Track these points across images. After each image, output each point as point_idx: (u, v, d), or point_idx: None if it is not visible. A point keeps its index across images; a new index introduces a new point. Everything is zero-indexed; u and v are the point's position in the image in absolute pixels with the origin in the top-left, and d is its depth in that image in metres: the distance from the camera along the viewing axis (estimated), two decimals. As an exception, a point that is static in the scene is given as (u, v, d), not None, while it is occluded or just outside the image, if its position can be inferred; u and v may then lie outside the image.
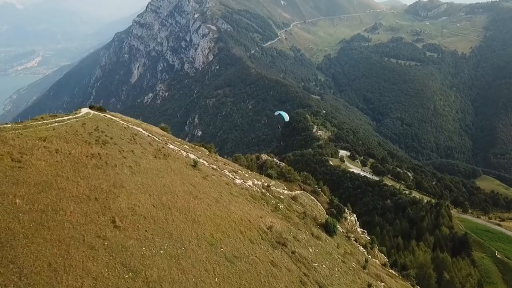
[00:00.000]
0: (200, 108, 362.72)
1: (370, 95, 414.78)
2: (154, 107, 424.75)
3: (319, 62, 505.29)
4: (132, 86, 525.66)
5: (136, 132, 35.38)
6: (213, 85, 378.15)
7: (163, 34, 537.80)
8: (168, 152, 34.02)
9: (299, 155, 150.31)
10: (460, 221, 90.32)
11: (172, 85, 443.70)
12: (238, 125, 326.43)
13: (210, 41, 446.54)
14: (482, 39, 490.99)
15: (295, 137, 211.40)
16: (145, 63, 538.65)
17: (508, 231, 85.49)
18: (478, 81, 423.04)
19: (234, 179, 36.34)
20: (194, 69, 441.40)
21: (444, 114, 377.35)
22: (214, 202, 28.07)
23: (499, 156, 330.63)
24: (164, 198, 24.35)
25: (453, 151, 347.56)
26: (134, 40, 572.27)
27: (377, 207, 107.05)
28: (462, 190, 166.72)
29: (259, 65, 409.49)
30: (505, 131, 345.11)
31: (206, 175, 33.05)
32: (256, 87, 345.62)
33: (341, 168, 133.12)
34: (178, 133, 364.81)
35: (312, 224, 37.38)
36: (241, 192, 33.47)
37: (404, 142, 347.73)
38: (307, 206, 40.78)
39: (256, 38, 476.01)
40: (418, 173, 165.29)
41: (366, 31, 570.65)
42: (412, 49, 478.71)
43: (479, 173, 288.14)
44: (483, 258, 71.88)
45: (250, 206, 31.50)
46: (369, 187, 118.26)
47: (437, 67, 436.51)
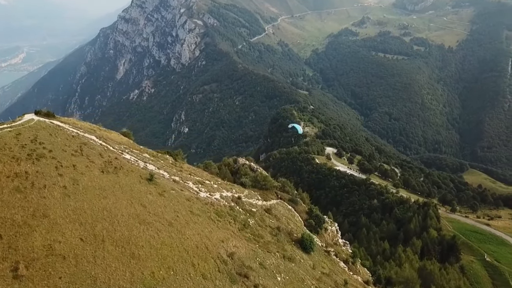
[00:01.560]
0: (186, 104, 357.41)
1: (358, 90, 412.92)
2: (140, 104, 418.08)
3: (307, 57, 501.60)
4: (118, 82, 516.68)
5: (86, 141, 31.26)
6: (200, 81, 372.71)
7: (148, 29, 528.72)
8: (121, 164, 30.00)
9: (285, 153, 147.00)
10: (449, 221, 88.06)
11: (158, 81, 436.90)
12: (225, 121, 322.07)
13: (197, 36, 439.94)
14: (469, 33, 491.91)
15: (282, 134, 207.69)
16: (131, 59, 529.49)
17: (497, 231, 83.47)
18: (465, 75, 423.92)
19: (199, 192, 32.53)
20: (181, 64, 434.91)
21: (432, 108, 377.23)
22: (166, 226, 24.22)
23: (486, 149, 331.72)
24: (99, 227, 20.43)
25: (441, 145, 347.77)
26: (119, 36, 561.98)
27: (363, 207, 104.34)
28: (450, 186, 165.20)
29: (246, 60, 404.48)
30: (492, 124, 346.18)
31: (164, 190, 29.17)
32: (243, 83, 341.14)
33: (327, 166, 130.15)
34: (164, 130, 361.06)
35: (286, 241, 33.79)
36: (204, 209, 29.67)
37: (392, 137, 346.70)
38: (282, 219, 37.18)
39: (243, 33, 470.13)
40: (406, 170, 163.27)
41: (353, 25, 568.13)
42: (399, 43, 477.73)
43: (466, 167, 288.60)
44: (472, 262, 69.50)
45: (212, 226, 27.71)
46: (355, 186, 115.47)
47: (424, 61, 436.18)
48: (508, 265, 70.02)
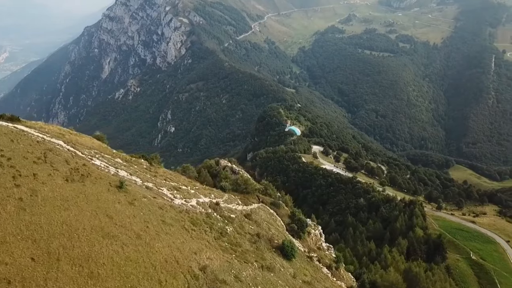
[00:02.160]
0: (173, 103, 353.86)
1: (345, 87, 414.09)
2: (126, 103, 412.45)
3: (293, 54, 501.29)
4: (103, 81, 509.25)
5: (52, 147, 29.38)
6: (186, 79, 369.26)
7: (133, 27, 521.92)
8: (89, 170, 28.21)
9: (271, 152, 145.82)
10: (434, 219, 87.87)
11: (144, 80, 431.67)
12: (212, 120, 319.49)
13: (182, 34, 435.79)
14: (453, 30, 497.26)
15: (268, 132, 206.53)
16: (116, 57, 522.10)
17: (482, 228, 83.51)
18: (449, 71, 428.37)
19: (173, 199, 30.93)
20: (167, 63, 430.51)
21: (418, 105, 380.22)
22: (133, 238, 22.60)
23: (471, 145, 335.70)
24: (55, 244, 18.73)
25: (427, 141, 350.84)
26: (104, 34, 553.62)
27: (350, 206, 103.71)
28: (436, 182, 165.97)
29: (233, 58, 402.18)
30: (476, 120, 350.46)
31: (134, 198, 27.50)
32: (230, 81, 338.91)
33: (314, 165, 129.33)
34: (151, 130, 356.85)
35: (266, 248, 32.42)
36: (177, 218, 28.09)
37: (379, 134, 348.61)
38: (263, 224, 35.79)
39: (230, 30, 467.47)
40: (392, 167, 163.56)
41: (340, 22, 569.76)
42: (385, 40, 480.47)
43: (452, 163, 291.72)
44: (458, 260, 69.20)
45: (185, 236, 26.17)
46: (342, 185, 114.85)
47: (410, 58, 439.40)
48: (494, 263, 69.97)
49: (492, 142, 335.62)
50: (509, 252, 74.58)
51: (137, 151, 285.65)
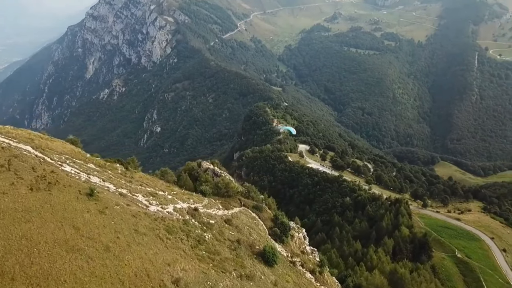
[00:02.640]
0: (158, 103, 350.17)
1: (331, 85, 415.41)
2: (111, 104, 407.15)
3: (280, 53, 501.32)
4: (87, 81, 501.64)
5: (19, 153, 27.74)
6: (172, 78, 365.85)
7: (118, 26, 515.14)
8: (57, 178, 26.66)
9: (258, 152, 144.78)
10: (420, 217, 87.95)
11: (129, 79, 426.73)
12: (198, 119, 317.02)
13: (168, 33, 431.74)
14: (437, 28, 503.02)
15: (255, 131, 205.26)
16: (100, 57, 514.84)
17: (467, 225, 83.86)
18: (434, 69, 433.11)
19: (149, 206, 29.58)
20: (152, 62, 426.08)
21: (403, 102, 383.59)
22: (101, 251, 21.22)
23: (455, 141, 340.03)
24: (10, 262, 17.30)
25: (413, 138, 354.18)
26: (88, 34, 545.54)
27: (336, 205, 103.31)
28: (422, 179, 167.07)
29: (219, 57, 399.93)
30: (461, 117, 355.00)
31: (106, 206, 26.06)
32: (216, 80, 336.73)
33: (300, 164, 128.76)
34: (136, 130, 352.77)
35: (247, 255, 31.30)
36: (152, 226, 26.76)
37: (366, 131, 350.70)
38: (244, 229, 34.66)
39: (215, 29, 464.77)
40: (379, 165, 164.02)
41: (326, 21, 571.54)
42: (370, 38, 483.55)
43: (437, 160, 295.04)
44: (444, 259, 69.19)
45: (159, 246, 24.87)
46: (328, 183, 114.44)
47: (395, 56, 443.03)
48: (479, 261, 70.18)
49: (476, 138, 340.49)
50: (494, 249, 75.04)
51: (123, 152, 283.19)
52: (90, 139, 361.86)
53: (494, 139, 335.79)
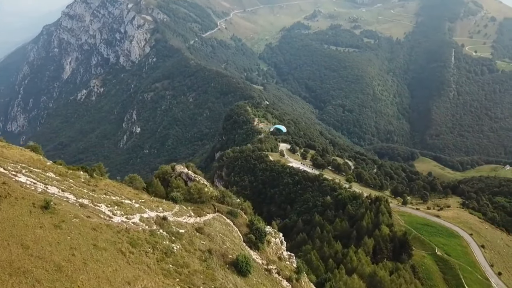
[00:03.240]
0: (138, 103, 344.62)
1: (311, 83, 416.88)
2: (89, 105, 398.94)
3: (260, 51, 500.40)
4: (64, 82, 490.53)
5: (-35, 164, 25.53)
6: (151, 78, 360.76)
7: (95, 26, 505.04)
8: (9, 190, 24.58)
9: (238, 152, 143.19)
10: (400, 215, 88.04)
11: (108, 80, 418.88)
12: (179, 119, 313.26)
13: (146, 32, 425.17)
14: (415, 25, 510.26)
15: (236, 131, 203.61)
16: (77, 57, 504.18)
17: (446, 222, 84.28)
18: (412, 66, 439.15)
19: (112, 217, 27.71)
20: (130, 62, 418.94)
21: (383, 99, 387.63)
22: (52, 272, 19.38)
23: (434, 137, 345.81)
24: None
25: (393, 135, 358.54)
26: (64, 33, 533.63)
27: (317, 204, 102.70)
28: (402, 176, 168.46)
29: (199, 56, 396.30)
30: (439, 113, 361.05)
31: (62, 220, 24.13)
32: (196, 79, 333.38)
33: (281, 163, 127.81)
34: (115, 131, 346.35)
35: (219, 265, 29.77)
36: (114, 239, 24.94)
37: (347, 129, 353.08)
38: (217, 238, 33.09)
39: (195, 28, 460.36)
40: (359, 162, 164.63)
41: (306, 19, 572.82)
42: (350, 36, 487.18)
43: (417, 155, 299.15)
44: (424, 257, 69.19)
45: (120, 262, 23.09)
46: (309, 182, 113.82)
47: (374, 53, 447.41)
48: (458, 258, 70.44)
49: (454, 133, 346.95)
50: (472, 245, 75.56)
51: (102, 154, 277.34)
52: (68, 141, 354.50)
53: (471, 134, 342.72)
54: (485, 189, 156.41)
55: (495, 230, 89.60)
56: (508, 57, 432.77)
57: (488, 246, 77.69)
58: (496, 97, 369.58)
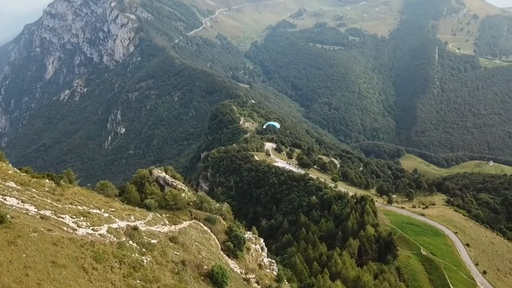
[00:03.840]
0: (122, 103, 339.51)
1: (298, 82, 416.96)
2: (72, 105, 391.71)
3: (246, 49, 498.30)
4: (47, 82, 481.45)
5: None
6: (135, 77, 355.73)
7: (78, 25, 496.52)
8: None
9: (224, 152, 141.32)
10: (386, 214, 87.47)
11: (91, 79, 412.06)
12: (164, 119, 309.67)
13: (130, 31, 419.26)
14: (399, 23, 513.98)
15: (222, 130, 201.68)
16: (60, 57, 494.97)
17: (431, 221, 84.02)
18: (397, 63, 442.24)
19: (77, 229, 25.86)
20: (114, 61, 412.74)
21: (369, 97, 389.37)
22: (-1, 296, 17.49)
23: (419, 134, 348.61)
24: None
25: (379, 132, 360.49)
26: (46, 32, 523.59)
27: (303, 204, 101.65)
28: (388, 173, 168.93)
29: (184, 55, 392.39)
30: (424, 110, 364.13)
31: (19, 235, 22.29)
32: (181, 78, 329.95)
33: (266, 163, 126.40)
34: (100, 132, 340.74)
35: (193, 277, 28.20)
36: (76, 255, 23.14)
37: (333, 126, 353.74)
38: (192, 247, 31.43)
39: (180, 26, 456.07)
40: (345, 160, 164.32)
41: (291, 17, 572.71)
42: (335, 34, 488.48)
43: (403, 152, 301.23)
44: (410, 257, 68.56)
45: (81, 281, 21.36)
46: (294, 182, 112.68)
47: (360, 51, 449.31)
48: (443, 257, 70.03)
49: (438, 130, 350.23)
50: (457, 244, 75.28)
51: (86, 155, 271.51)
52: (51, 143, 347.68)
53: (455, 131, 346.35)
54: (469, 185, 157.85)
55: (479, 228, 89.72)
56: (490, 54, 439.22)
57: (473, 244, 77.56)
58: (479, 94, 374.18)
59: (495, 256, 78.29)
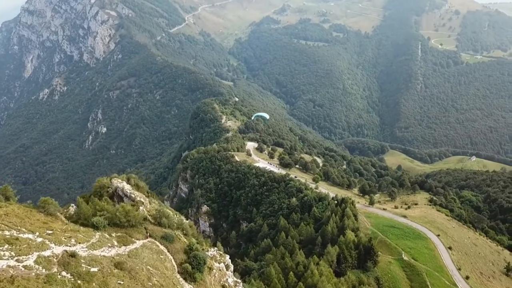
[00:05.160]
0: (103, 102, 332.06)
1: (282, 78, 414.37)
2: (52, 104, 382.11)
3: (230, 46, 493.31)
4: (26, 81, 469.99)
5: None
6: (116, 76, 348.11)
7: (57, 21, 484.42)
8: None
9: (203, 152, 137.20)
10: (367, 216, 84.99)
11: (71, 78, 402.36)
12: (146, 118, 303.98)
13: (110, 28, 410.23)
14: (382, 18, 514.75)
15: (203, 129, 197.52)
16: (39, 54, 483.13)
17: (413, 223, 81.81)
18: (381, 59, 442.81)
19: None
20: (95, 59, 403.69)
21: (353, 93, 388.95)
22: None
23: (403, 129, 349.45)
24: None
25: (363, 128, 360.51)
26: (24, 30, 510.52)
27: (283, 206, 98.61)
28: (371, 171, 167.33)
29: (166, 52, 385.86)
30: (407, 105, 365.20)
31: None
32: (163, 76, 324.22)
33: (247, 164, 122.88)
34: (80, 131, 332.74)
35: (136, 311, 24.57)
36: (-14, 297, 19.35)
37: (317, 123, 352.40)
38: (141, 273, 27.87)
39: (162, 23, 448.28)
40: (328, 159, 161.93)
41: (275, 13, 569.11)
42: (319, 30, 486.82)
43: (387, 149, 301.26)
44: (391, 263, 66.07)
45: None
46: (275, 183, 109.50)
47: (344, 47, 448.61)
48: (425, 262, 67.78)
49: (422, 125, 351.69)
50: (440, 247, 73.15)
51: (66, 155, 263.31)
52: (30, 143, 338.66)
53: (438, 126, 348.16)
54: (452, 182, 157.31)
55: (462, 228, 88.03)
56: (472, 50, 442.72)
57: (456, 247, 75.58)
58: (461, 89, 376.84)
59: (478, 258, 76.53)
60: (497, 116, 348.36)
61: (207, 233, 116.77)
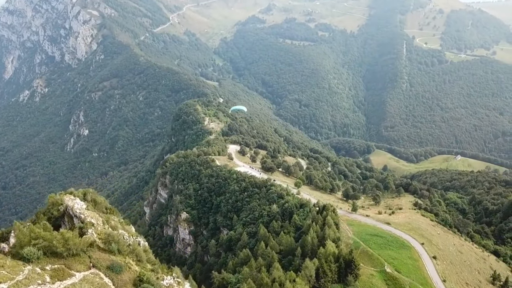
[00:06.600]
0: (85, 103, 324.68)
1: (268, 78, 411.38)
2: (33, 106, 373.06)
3: (215, 46, 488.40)
4: (6, 82, 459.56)
5: None
6: (99, 77, 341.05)
7: (38, 21, 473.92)
8: None
9: (183, 156, 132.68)
10: (349, 224, 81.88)
11: (53, 79, 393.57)
12: (129, 119, 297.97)
13: (93, 28, 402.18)
14: (368, 17, 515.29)
15: (186, 131, 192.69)
16: (20, 55, 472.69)
17: (397, 230, 78.97)
18: (366, 58, 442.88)
19: None
20: (77, 60, 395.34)
21: (339, 92, 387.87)
22: None
23: (389, 129, 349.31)
24: None
25: (349, 128, 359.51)
26: (4, 30, 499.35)
27: (263, 213, 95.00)
28: (356, 173, 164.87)
29: (150, 52, 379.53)
30: (393, 104, 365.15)
31: None
32: (146, 77, 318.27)
33: (228, 168, 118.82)
34: (62, 134, 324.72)
35: None
36: None
37: (304, 123, 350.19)
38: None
39: (146, 23, 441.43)
40: (312, 161, 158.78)
41: (260, 12, 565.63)
42: (305, 29, 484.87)
43: (373, 148, 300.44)
44: (372, 276, 63.06)
45: None
46: (256, 189, 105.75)
47: (329, 46, 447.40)
48: (409, 274, 64.86)
49: (408, 124, 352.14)
50: (424, 257, 70.33)
51: (47, 159, 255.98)
52: (10, 146, 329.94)
53: (424, 125, 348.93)
54: (437, 183, 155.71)
55: (447, 235, 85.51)
56: (456, 48, 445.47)
57: (440, 256, 72.93)
58: (446, 88, 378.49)
59: (463, 267, 74.03)
60: (481, 114, 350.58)
61: (187, 241, 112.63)
